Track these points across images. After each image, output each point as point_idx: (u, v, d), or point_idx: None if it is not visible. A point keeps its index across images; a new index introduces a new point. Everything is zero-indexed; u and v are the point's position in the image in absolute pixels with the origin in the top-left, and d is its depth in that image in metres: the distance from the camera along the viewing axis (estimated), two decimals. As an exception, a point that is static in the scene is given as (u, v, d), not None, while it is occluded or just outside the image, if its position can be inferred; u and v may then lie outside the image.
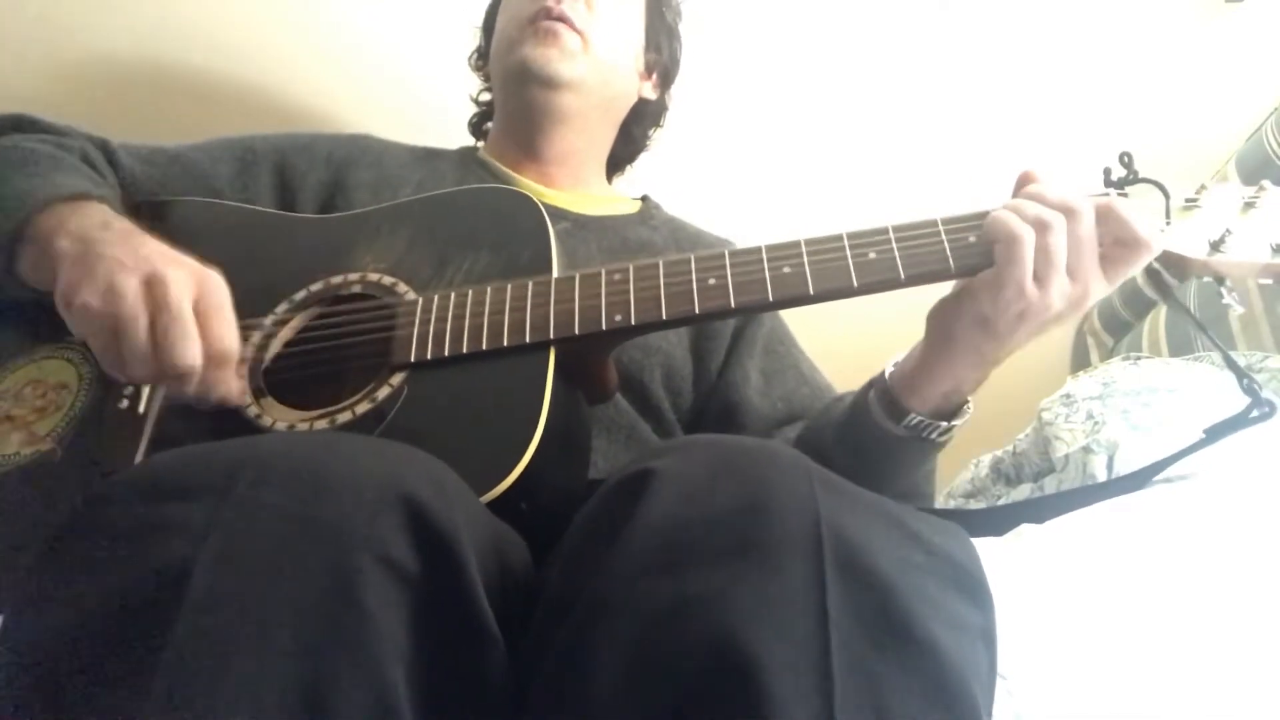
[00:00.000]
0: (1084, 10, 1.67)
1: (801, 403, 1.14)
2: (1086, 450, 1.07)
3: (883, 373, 0.93)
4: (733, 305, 0.84)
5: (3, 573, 0.81)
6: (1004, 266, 0.80)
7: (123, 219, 0.89)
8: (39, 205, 0.88)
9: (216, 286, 0.82)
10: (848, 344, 1.39)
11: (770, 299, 0.84)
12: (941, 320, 0.86)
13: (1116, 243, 0.81)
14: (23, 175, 0.92)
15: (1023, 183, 0.86)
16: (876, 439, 0.92)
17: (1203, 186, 0.85)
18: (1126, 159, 0.87)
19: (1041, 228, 0.79)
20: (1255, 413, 0.82)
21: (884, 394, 0.91)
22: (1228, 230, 0.82)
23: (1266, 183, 0.84)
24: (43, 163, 0.95)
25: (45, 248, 0.86)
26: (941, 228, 0.84)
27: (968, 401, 0.90)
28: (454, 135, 1.37)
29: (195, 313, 0.80)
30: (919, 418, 0.89)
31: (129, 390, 0.88)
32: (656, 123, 1.38)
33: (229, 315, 0.82)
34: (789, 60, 1.68)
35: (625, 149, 1.36)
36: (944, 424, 0.90)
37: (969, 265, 0.83)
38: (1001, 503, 1.20)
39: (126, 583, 0.54)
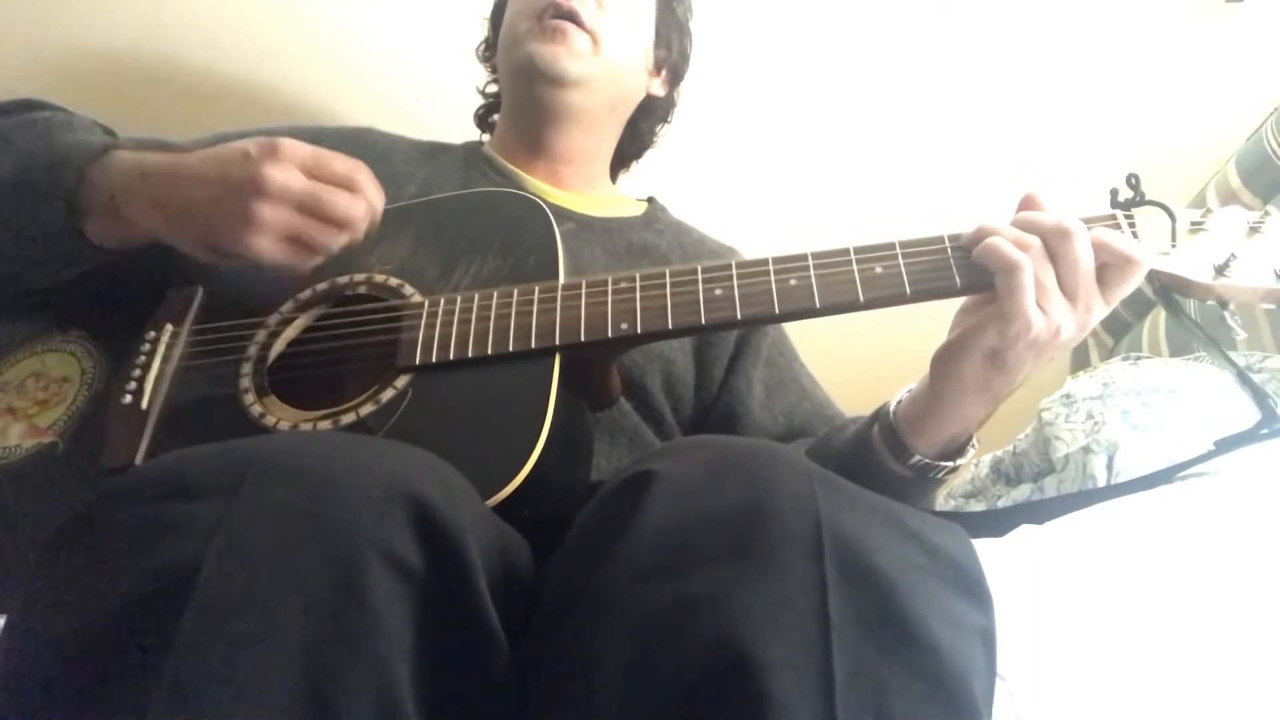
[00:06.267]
0: (1084, 10, 1.67)
1: (803, 418, 1.14)
2: (1086, 450, 1.07)
3: (887, 409, 0.92)
4: (739, 317, 0.84)
5: (5, 567, 0.81)
6: (1006, 297, 0.79)
7: (147, 155, 0.91)
8: (81, 167, 0.89)
9: (290, 147, 0.85)
10: (851, 356, 1.39)
11: (776, 312, 0.84)
12: (948, 362, 0.85)
13: (1109, 264, 0.80)
14: (57, 136, 0.93)
15: (1025, 206, 0.86)
16: (880, 477, 0.91)
17: (1209, 210, 0.85)
18: (1134, 180, 0.86)
19: (1036, 253, 0.79)
20: (1266, 430, 0.82)
21: (889, 434, 0.90)
22: (1232, 255, 0.82)
23: (1271, 208, 0.84)
24: (56, 130, 0.95)
25: (111, 210, 0.89)
26: (948, 244, 0.84)
27: (972, 441, 0.89)
28: (455, 128, 1.36)
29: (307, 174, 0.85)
30: (924, 460, 0.88)
31: (132, 386, 0.88)
32: (664, 119, 1.36)
33: (325, 159, 0.87)
34: (792, 63, 1.68)
35: (632, 145, 1.35)
36: (949, 464, 0.89)
37: (975, 283, 0.82)
38: (1001, 503, 1.20)
39: (133, 581, 0.54)
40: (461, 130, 1.37)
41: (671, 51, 1.31)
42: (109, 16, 1.55)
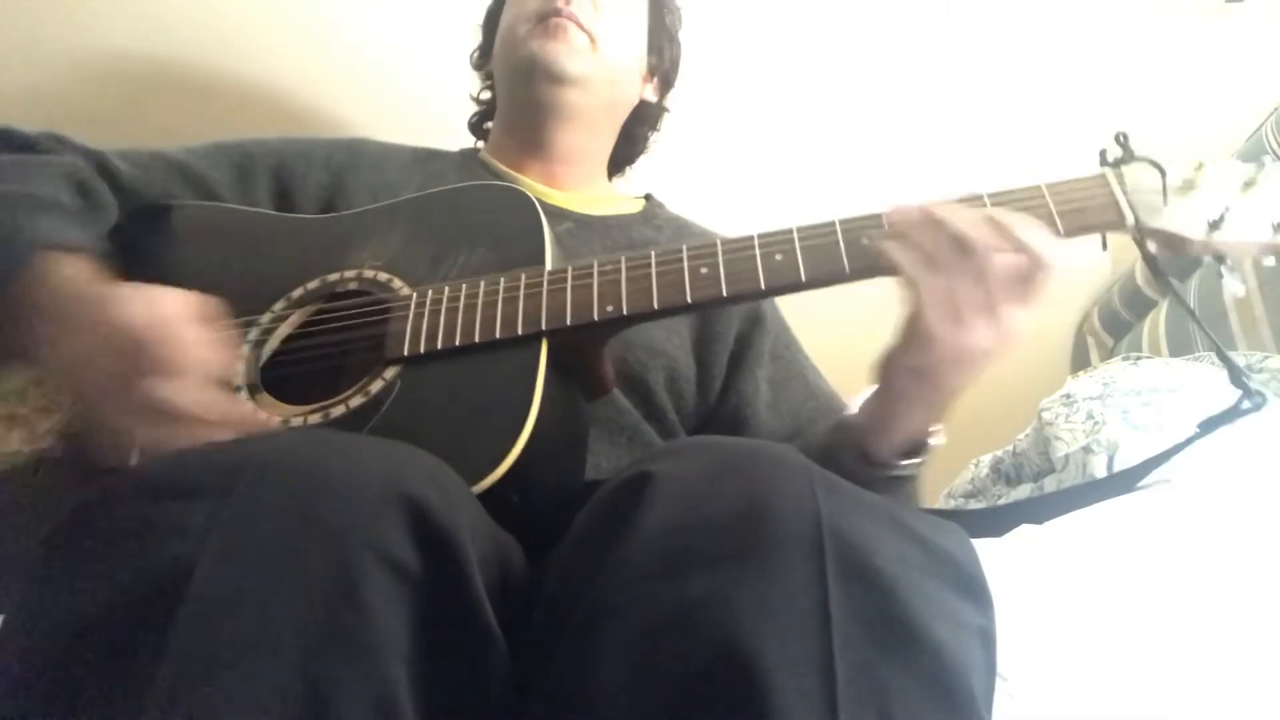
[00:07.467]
0: (1084, 11, 1.67)
1: (808, 416, 1.13)
2: (1086, 450, 1.07)
3: (849, 413, 0.92)
4: (725, 294, 0.84)
5: (3, 572, 0.81)
6: (915, 314, 0.79)
7: (74, 276, 0.85)
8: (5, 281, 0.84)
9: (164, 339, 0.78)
10: (854, 345, 1.38)
11: (762, 287, 0.84)
12: (884, 374, 0.86)
13: (1020, 263, 0.79)
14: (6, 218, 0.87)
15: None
16: (849, 477, 0.91)
17: (1201, 164, 0.84)
18: (1122, 139, 0.85)
19: (941, 269, 0.78)
20: (1246, 404, 0.81)
21: (850, 437, 0.90)
22: (1227, 209, 0.80)
23: (1266, 159, 0.83)
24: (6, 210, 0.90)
25: (12, 321, 0.85)
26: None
27: (933, 438, 0.89)
28: (456, 136, 1.37)
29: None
30: (886, 460, 0.88)
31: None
32: (655, 126, 1.38)
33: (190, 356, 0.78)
34: (793, 60, 1.68)
35: (626, 150, 1.36)
36: (914, 461, 0.89)
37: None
38: (1001, 503, 1.20)
39: (127, 583, 0.54)
40: (461, 138, 1.37)
41: (663, 59, 1.33)
42: (111, 20, 1.55)
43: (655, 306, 0.84)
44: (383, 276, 0.92)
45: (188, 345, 0.78)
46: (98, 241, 0.93)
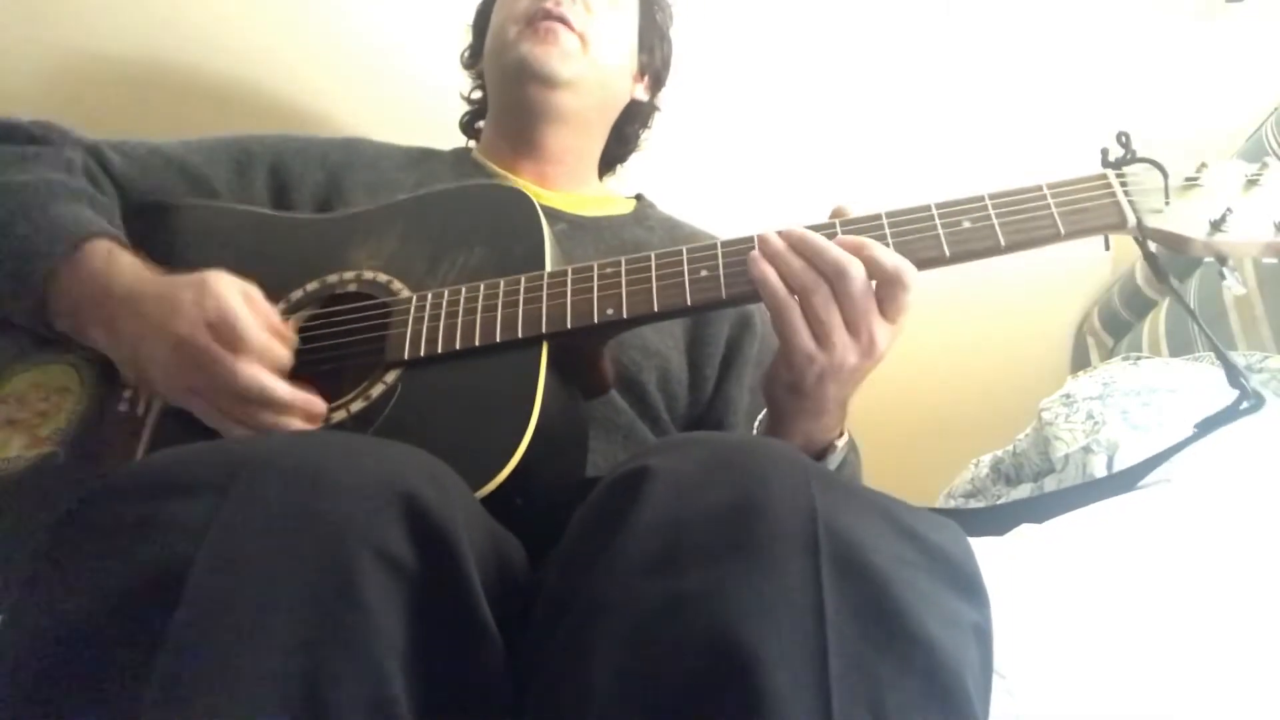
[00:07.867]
0: (1084, 11, 1.67)
1: None
2: (1086, 450, 1.07)
3: (758, 424, 0.94)
4: (724, 296, 0.84)
5: (3, 575, 0.81)
6: (783, 336, 0.82)
7: (117, 265, 0.89)
8: (44, 275, 0.88)
9: (230, 323, 0.81)
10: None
11: None
12: (765, 389, 0.89)
13: (880, 284, 0.81)
14: (22, 223, 0.90)
15: (835, 215, 0.87)
16: None
17: (1204, 164, 0.84)
18: (1124, 139, 0.85)
19: (806, 293, 0.80)
20: (1244, 405, 0.81)
21: None
22: (1229, 209, 0.80)
23: (1269, 159, 0.83)
24: (33, 207, 0.92)
25: (69, 316, 0.90)
26: (935, 213, 0.84)
27: (835, 443, 0.90)
28: (448, 135, 1.37)
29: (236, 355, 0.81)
30: None
31: (128, 393, 0.89)
32: (646, 124, 1.39)
33: (254, 338, 0.82)
34: (789, 59, 1.68)
35: (618, 149, 1.37)
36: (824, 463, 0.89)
37: (971, 246, 0.83)
38: (1001, 503, 1.20)
39: (125, 580, 0.54)
40: (452, 138, 1.37)
41: (654, 57, 1.33)
42: (108, 21, 1.55)
43: (655, 309, 0.85)
44: (381, 277, 0.92)
45: (254, 327, 0.82)
46: (107, 208, 0.96)
